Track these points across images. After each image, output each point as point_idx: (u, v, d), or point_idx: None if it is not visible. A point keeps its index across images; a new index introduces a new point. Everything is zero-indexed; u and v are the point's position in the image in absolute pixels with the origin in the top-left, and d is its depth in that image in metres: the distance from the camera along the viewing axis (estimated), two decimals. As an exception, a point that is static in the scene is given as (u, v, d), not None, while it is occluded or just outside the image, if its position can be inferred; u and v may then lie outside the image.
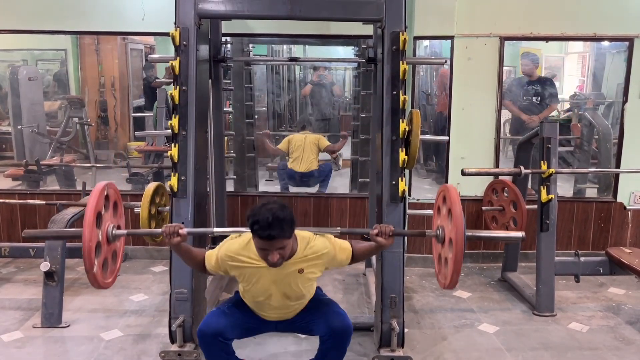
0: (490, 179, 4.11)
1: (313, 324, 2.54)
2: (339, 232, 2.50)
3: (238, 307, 2.57)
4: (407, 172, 3.71)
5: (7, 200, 4.37)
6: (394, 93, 2.86)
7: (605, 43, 5.27)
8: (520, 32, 4.24)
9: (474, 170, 3.61)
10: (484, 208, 4.08)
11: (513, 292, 3.94)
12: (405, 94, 2.89)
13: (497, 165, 4.39)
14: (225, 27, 3.99)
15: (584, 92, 6.33)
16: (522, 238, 2.51)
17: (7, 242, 4.31)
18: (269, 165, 6.28)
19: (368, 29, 3.72)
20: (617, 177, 4.48)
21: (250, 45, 5.59)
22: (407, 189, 2.98)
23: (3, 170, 5.29)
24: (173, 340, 2.87)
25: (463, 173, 3.51)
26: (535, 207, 3.60)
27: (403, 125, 2.85)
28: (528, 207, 3.68)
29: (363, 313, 3.56)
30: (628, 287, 4.05)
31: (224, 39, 3.90)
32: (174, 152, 2.85)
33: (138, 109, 6.50)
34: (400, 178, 2.86)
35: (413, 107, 4.24)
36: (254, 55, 5.99)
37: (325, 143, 5.38)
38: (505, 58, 4.27)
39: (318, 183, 5.35)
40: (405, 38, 2.85)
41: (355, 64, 5.77)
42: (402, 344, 2.87)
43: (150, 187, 3.31)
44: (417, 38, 4.13)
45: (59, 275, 3.30)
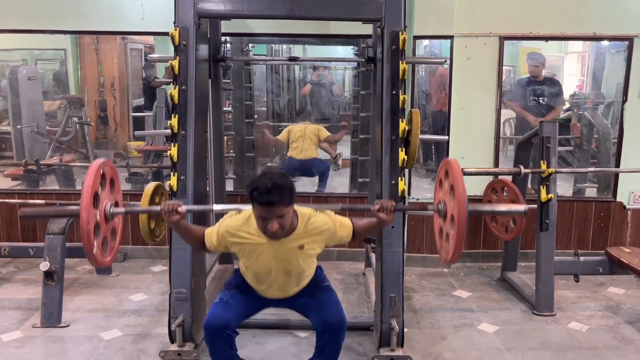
0: (490, 179, 4.11)
1: (310, 310, 2.54)
2: (340, 208, 2.48)
3: (240, 291, 2.54)
4: (406, 171, 3.71)
5: (6, 200, 4.36)
6: (394, 92, 2.86)
7: (605, 42, 5.28)
8: (520, 31, 4.24)
9: (474, 170, 3.61)
10: (484, 208, 4.07)
11: (513, 291, 3.94)
12: (405, 94, 2.89)
13: (496, 165, 4.39)
14: (225, 26, 3.98)
15: (584, 91, 6.33)
16: (524, 212, 2.52)
17: (6, 241, 4.32)
18: (269, 165, 6.28)
19: (367, 29, 3.71)
20: (616, 176, 4.48)
21: (250, 45, 5.59)
22: (406, 189, 2.98)
23: (2, 170, 5.29)
24: (172, 340, 2.88)
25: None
26: (535, 206, 3.60)
27: (403, 125, 2.85)
28: (528, 206, 3.67)
29: (362, 313, 3.55)
30: (628, 286, 4.05)
31: (224, 39, 3.90)
32: (174, 151, 2.85)
33: (137, 109, 6.50)
34: (400, 177, 2.86)
35: (413, 106, 4.24)
36: (254, 55, 5.99)
37: (325, 133, 5.37)
38: (505, 58, 4.27)
39: (318, 174, 5.35)
40: (405, 37, 2.85)
41: (355, 64, 5.76)
42: (401, 344, 2.87)
43: (150, 186, 3.30)
44: (416, 37, 4.12)
45: (59, 275, 3.30)
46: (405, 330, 2.96)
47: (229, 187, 4.59)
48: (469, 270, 4.40)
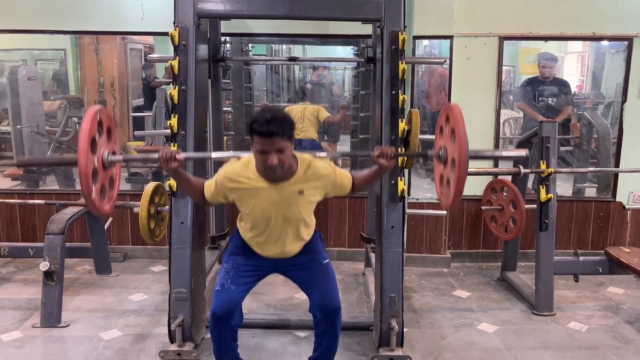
0: (490, 179, 4.11)
1: (308, 289, 2.53)
2: (340, 155, 2.47)
3: (238, 266, 2.51)
4: (406, 171, 3.72)
5: (6, 200, 4.37)
6: (393, 92, 2.86)
7: (605, 43, 5.28)
8: (520, 31, 4.24)
9: (473, 170, 3.59)
10: (484, 207, 4.07)
11: (512, 291, 3.95)
12: (405, 94, 2.89)
13: (496, 165, 4.38)
14: (225, 26, 3.99)
15: (584, 91, 6.33)
16: (526, 156, 2.57)
17: (6, 241, 4.32)
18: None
19: (367, 29, 3.72)
20: (616, 176, 4.49)
21: (250, 45, 5.58)
22: (406, 189, 2.98)
23: (2, 170, 5.30)
24: (172, 340, 2.88)
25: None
26: (535, 206, 3.60)
27: (402, 125, 2.86)
28: (527, 206, 3.68)
29: (362, 312, 3.55)
30: (627, 286, 4.06)
31: (223, 39, 3.90)
32: (173, 151, 2.85)
33: (137, 109, 6.49)
34: (400, 177, 2.86)
35: (412, 106, 4.24)
36: (253, 55, 5.98)
37: (325, 114, 5.33)
38: (505, 58, 4.28)
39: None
40: (405, 37, 2.85)
41: (355, 64, 5.75)
42: (401, 344, 2.88)
43: (150, 186, 3.31)
44: (416, 38, 4.13)
45: (58, 275, 3.30)
46: (405, 330, 2.96)
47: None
48: (469, 270, 4.40)
